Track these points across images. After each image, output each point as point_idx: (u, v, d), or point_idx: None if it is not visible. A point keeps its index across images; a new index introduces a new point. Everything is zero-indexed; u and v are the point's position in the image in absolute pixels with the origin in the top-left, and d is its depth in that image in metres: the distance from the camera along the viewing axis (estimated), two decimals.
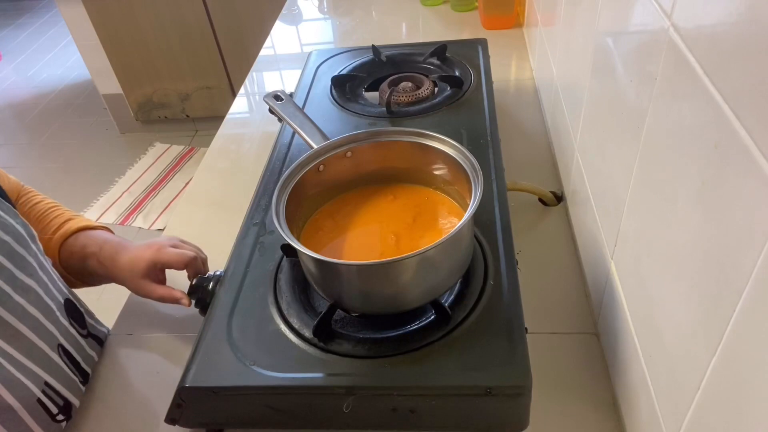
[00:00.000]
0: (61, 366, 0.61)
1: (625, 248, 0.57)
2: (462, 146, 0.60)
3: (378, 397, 0.53)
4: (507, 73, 1.19)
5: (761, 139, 0.30)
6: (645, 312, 0.51)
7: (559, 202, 0.85)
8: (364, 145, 0.65)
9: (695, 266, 0.40)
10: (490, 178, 0.71)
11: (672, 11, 0.43)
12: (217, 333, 0.58)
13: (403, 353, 0.54)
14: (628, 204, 0.55)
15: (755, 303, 0.32)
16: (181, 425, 0.56)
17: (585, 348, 0.65)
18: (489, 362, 0.52)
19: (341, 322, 0.59)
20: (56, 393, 0.59)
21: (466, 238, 0.57)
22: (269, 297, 0.61)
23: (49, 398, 0.58)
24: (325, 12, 1.63)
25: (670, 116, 0.44)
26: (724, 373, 0.36)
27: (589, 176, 0.71)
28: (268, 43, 1.48)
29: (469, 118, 0.85)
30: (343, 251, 0.62)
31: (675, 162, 0.43)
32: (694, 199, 0.39)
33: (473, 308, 0.57)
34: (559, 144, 0.91)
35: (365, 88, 0.98)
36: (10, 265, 0.55)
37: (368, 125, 0.87)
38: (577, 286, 0.72)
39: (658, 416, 0.47)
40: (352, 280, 0.56)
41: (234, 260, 0.66)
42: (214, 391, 0.54)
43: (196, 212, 0.91)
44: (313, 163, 0.63)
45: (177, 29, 2.40)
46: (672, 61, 0.43)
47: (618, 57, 0.58)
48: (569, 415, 0.59)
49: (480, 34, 1.30)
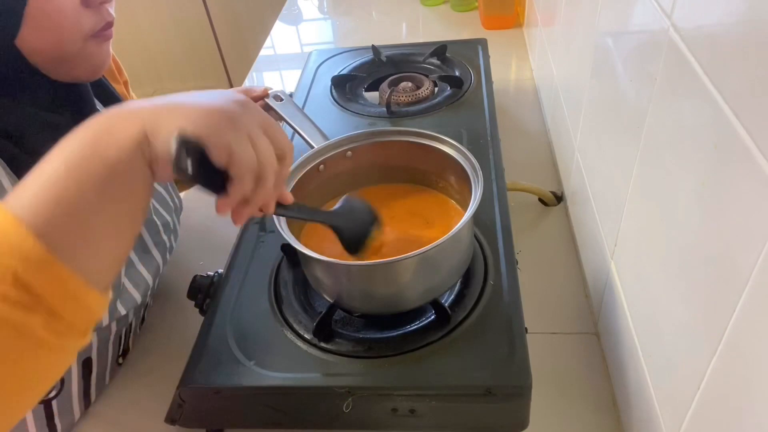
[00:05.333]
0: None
1: (625, 248, 0.57)
2: (462, 146, 0.60)
3: (378, 397, 0.53)
4: (507, 73, 1.19)
5: (761, 139, 0.30)
6: (645, 312, 0.51)
7: (559, 202, 0.85)
8: (364, 145, 0.65)
9: (695, 266, 0.40)
10: (490, 178, 0.71)
11: (672, 11, 0.43)
12: (217, 333, 0.58)
13: (403, 353, 0.54)
14: (628, 204, 0.55)
15: (755, 303, 0.32)
16: (181, 425, 0.56)
17: (585, 348, 0.65)
18: (489, 362, 0.52)
19: (341, 322, 0.59)
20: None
21: (466, 238, 0.57)
22: (269, 297, 0.61)
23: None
24: (325, 12, 1.63)
25: (670, 116, 0.44)
26: (724, 373, 0.36)
27: (589, 176, 0.71)
28: (268, 43, 1.49)
29: (469, 118, 0.85)
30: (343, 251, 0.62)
31: (675, 162, 0.43)
32: (694, 199, 0.39)
33: (473, 308, 0.57)
34: (559, 144, 0.91)
35: (365, 88, 0.98)
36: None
37: (368, 125, 0.87)
38: (577, 286, 0.72)
39: (658, 416, 0.47)
40: (352, 280, 0.56)
41: (234, 260, 0.66)
42: (214, 391, 0.54)
43: (197, 212, 0.91)
44: (313, 163, 0.63)
45: (177, 29, 2.40)
46: (672, 61, 0.43)
47: (618, 57, 0.58)
48: (569, 415, 0.59)
49: (480, 34, 1.30)
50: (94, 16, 0.51)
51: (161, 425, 0.57)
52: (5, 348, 0.31)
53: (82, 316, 0.34)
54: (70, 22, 0.49)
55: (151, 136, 0.36)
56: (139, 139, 0.36)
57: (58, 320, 0.33)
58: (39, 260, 0.32)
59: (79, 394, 0.61)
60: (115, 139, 0.36)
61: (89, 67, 0.54)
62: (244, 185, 0.39)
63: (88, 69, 0.54)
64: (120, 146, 0.36)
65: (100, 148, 0.35)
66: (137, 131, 0.36)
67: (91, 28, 0.51)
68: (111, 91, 0.65)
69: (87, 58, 0.53)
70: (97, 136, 0.36)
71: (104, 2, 0.51)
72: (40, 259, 0.32)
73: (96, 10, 0.51)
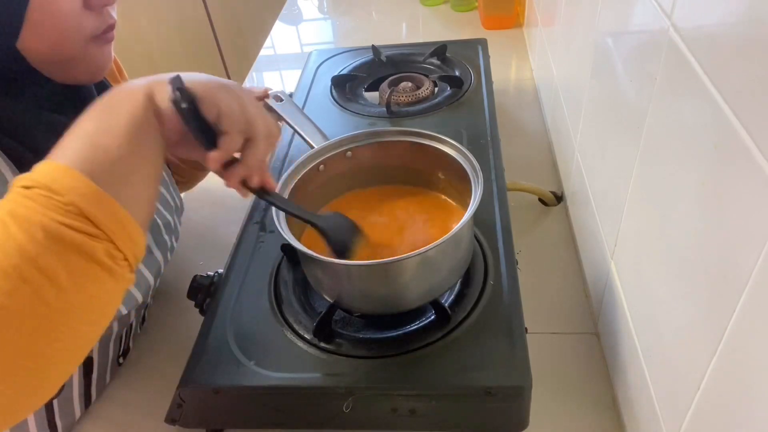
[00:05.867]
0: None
1: (625, 248, 0.57)
2: (462, 146, 0.60)
3: (378, 397, 0.53)
4: (507, 73, 1.19)
5: (761, 139, 0.30)
6: (645, 312, 0.51)
7: (559, 202, 0.85)
8: (364, 145, 0.65)
9: (695, 266, 0.40)
10: (490, 178, 0.71)
11: (672, 11, 0.43)
12: (217, 333, 0.58)
13: (403, 353, 0.54)
14: (628, 204, 0.55)
15: (755, 303, 0.32)
16: (181, 425, 0.56)
17: (585, 348, 0.65)
18: (489, 362, 0.52)
19: (341, 322, 0.59)
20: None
21: (466, 238, 0.57)
22: (269, 297, 0.61)
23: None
24: (325, 12, 1.63)
25: (670, 116, 0.44)
26: (724, 373, 0.36)
27: (589, 176, 0.71)
28: (268, 43, 1.49)
29: (469, 118, 0.85)
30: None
31: (675, 162, 0.43)
32: (694, 199, 0.39)
33: (473, 308, 0.57)
34: (559, 144, 0.91)
35: (365, 88, 0.98)
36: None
37: (368, 125, 0.87)
38: (577, 286, 0.72)
39: (658, 416, 0.47)
40: (352, 280, 0.56)
41: (234, 260, 0.66)
42: (214, 391, 0.54)
43: (196, 212, 0.91)
44: (313, 163, 0.63)
45: (177, 29, 2.40)
46: (672, 61, 0.43)
47: (618, 57, 0.58)
48: (569, 415, 0.59)
49: (480, 34, 1.30)
50: (95, 18, 0.51)
51: (161, 425, 0.57)
52: (78, 271, 0.36)
53: (131, 247, 0.40)
54: (71, 24, 0.48)
55: (155, 95, 0.43)
56: (145, 99, 0.43)
57: (115, 248, 0.38)
58: (94, 196, 0.37)
59: (80, 393, 0.61)
60: (127, 101, 0.43)
61: (90, 69, 0.54)
62: (233, 139, 0.45)
63: (89, 71, 0.54)
64: (133, 105, 0.42)
65: (117, 109, 0.42)
66: (143, 93, 0.43)
67: (92, 31, 0.51)
68: None
69: (88, 60, 0.52)
70: (111, 102, 0.43)
71: (106, 4, 0.51)
72: (95, 194, 0.37)
73: (98, 13, 0.51)
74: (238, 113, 0.45)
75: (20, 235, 0.35)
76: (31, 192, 0.36)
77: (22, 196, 0.36)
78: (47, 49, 0.49)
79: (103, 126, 0.41)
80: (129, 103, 0.42)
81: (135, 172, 0.41)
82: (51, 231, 0.35)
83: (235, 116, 0.45)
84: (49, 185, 0.36)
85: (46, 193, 0.36)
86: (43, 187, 0.36)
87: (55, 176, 0.37)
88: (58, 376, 0.39)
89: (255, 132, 0.47)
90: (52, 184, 0.37)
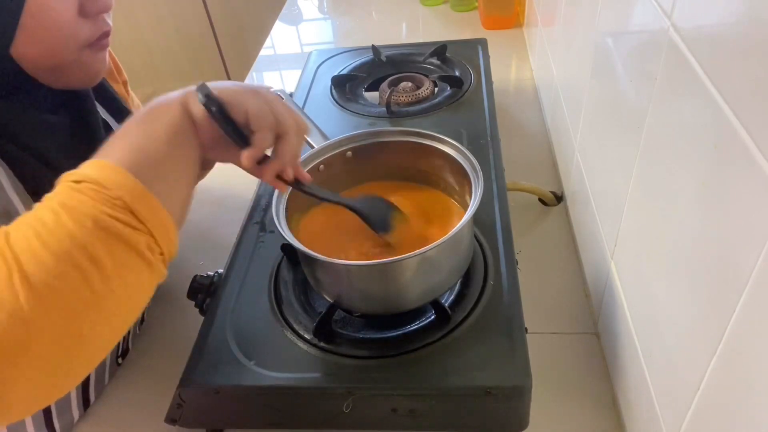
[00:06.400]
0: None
1: (625, 248, 0.57)
2: (462, 146, 0.60)
3: (378, 397, 0.53)
4: (507, 73, 1.19)
5: (761, 139, 0.30)
6: (645, 312, 0.51)
7: (559, 202, 0.85)
8: (364, 145, 0.65)
9: (695, 266, 0.40)
10: (490, 178, 0.71)
11: (672, 11, 0.43)
12: (217, 333, 0.58)
13: (403, 353, 0.54)
14: (628, 204, 0.55)
15: (755, 303, 0.32)
16: (181, 425, 0.56)
17: (585, 348, 0.65)
18: (489, 362, 0.52)
19: (341, 322, 0.59)
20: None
21: (466, 238, 0.57)
22: (269, 297, 0.61)
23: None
24: (325, 12, 1.63)
25: (670, 116, 0.44)
26: (724, 373, 0.36)
27: (589, 176, 0.71)
28: (268, 43, 1.49)
29: (469, 118, 0.85)
30: (344, 248, 0.62)
31: (675, 162, 0.43)
32: (694, 199, 0.39)
33: (473, 308, 0.57)
34: (559, 144, 0.91)
35: (365, 88, 0.98)
36: None
37: (368, 125, 0.87)
38: (577, 286, 0.72)
39: (658, 416, 0.47)
40: (351, 280, 0.56)
41: (234, 260, 0.66)
42: (214, 391, 0.54)
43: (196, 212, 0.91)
44: (313, 162, 0.63)
45: (177, 29, 2.40)
46: (672, 61, 0.43)
47: (618, 57, 0.58)
48: (569, 415, 0.59)
49: (480, 34, 1.30)
50: (91, 25, 0.50)
51: (161, 425, 0.57)
52: (122, 260, 0.39)
53: (167, 243, 0.42)
54: (66, 32, 0.48)
55: (189, 104, 0.46)
56: (181, 108, 0.46)
57: (154, 242, 0.41)
58: (139, 192, 0.40)
59: (78, 394, 0.61)
60: (166, 110, 0.46)
61: (84, 75, 0.54)
62: (264, 137, 0.48)
63: (84, 77, 0.54)
64: (170, 114, 0.46)
65: (158, 117, 0.45)
66: (179, 103, 0.46)
67: (87, 38, 0.51)
68: (110, 91, 0.65)
69: (82, 66, 0.52)
70: (152, 111, 0.46)
71: (101, 11, 0.51)
72: (139, 191, 0.40)
73: (93, 20, 0.50)
74: (266, 112, 0.48)
75: (71, 224, 0.37)
76: (81, 186, 0.39)
77: (74, 190, 0.39)
78: (41, 56, 0.49)
79: (146, 132, 0.44)
80: (168, 112, 0.45)
81: (173, 174, 0.45)
82: (99, 221, 0.38)
83: (263, 115, 0.48)
84: (99, 180, 0.39)
85: (96, 187, 0.39)
86: (93, 182, 0.39)
87: (105, 173, 0.40)
88: (89, 360, 0.40)
89: (285, 128, 0.49)
90: (101, 180, 0.39)
